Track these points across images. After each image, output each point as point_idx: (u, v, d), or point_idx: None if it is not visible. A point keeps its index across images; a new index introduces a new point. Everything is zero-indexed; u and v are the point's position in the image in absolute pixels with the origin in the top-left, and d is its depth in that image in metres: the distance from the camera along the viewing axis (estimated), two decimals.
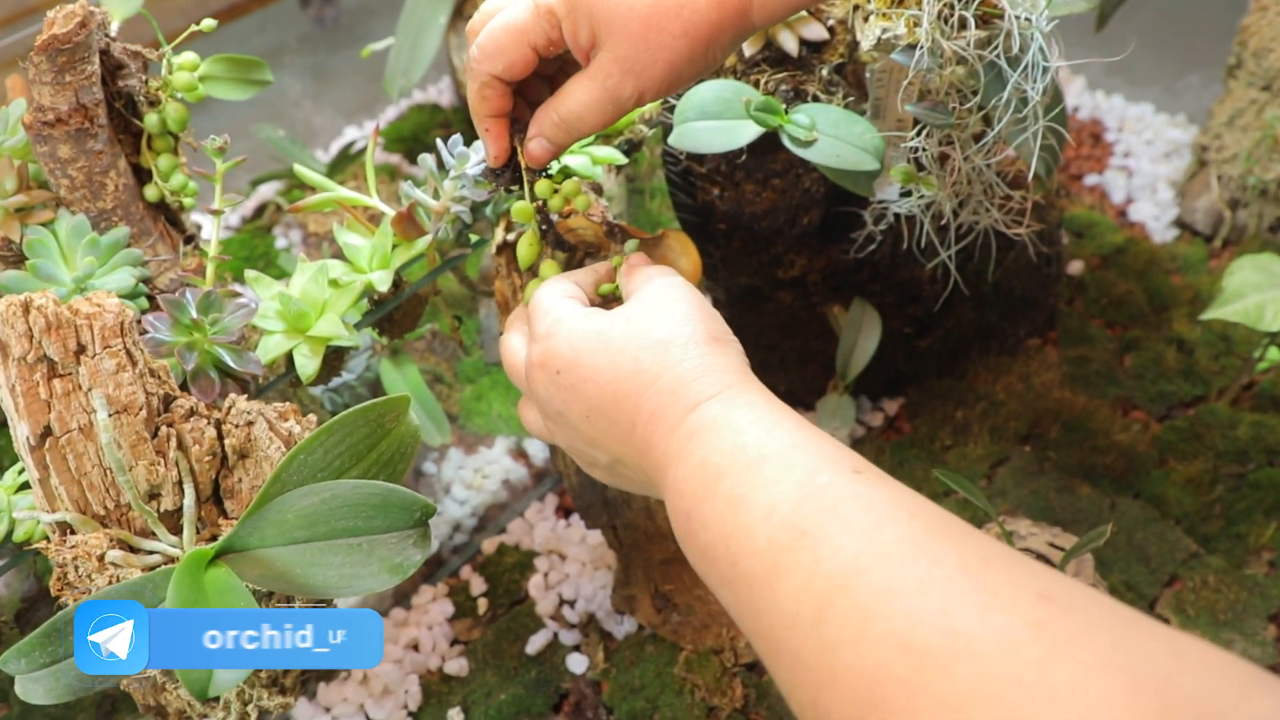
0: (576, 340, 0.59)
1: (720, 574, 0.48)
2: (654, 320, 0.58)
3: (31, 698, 0.58)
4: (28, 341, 0.58)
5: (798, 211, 0.88)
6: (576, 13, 0.61)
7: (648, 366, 0.56)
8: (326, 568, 0.62)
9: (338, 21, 1.79)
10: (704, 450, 0.51)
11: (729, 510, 0.47)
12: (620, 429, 0.57)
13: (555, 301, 0.62)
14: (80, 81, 0.71)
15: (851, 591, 0.40)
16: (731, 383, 0.54)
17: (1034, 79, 0.76)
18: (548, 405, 0.61)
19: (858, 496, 0.44)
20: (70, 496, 0.62)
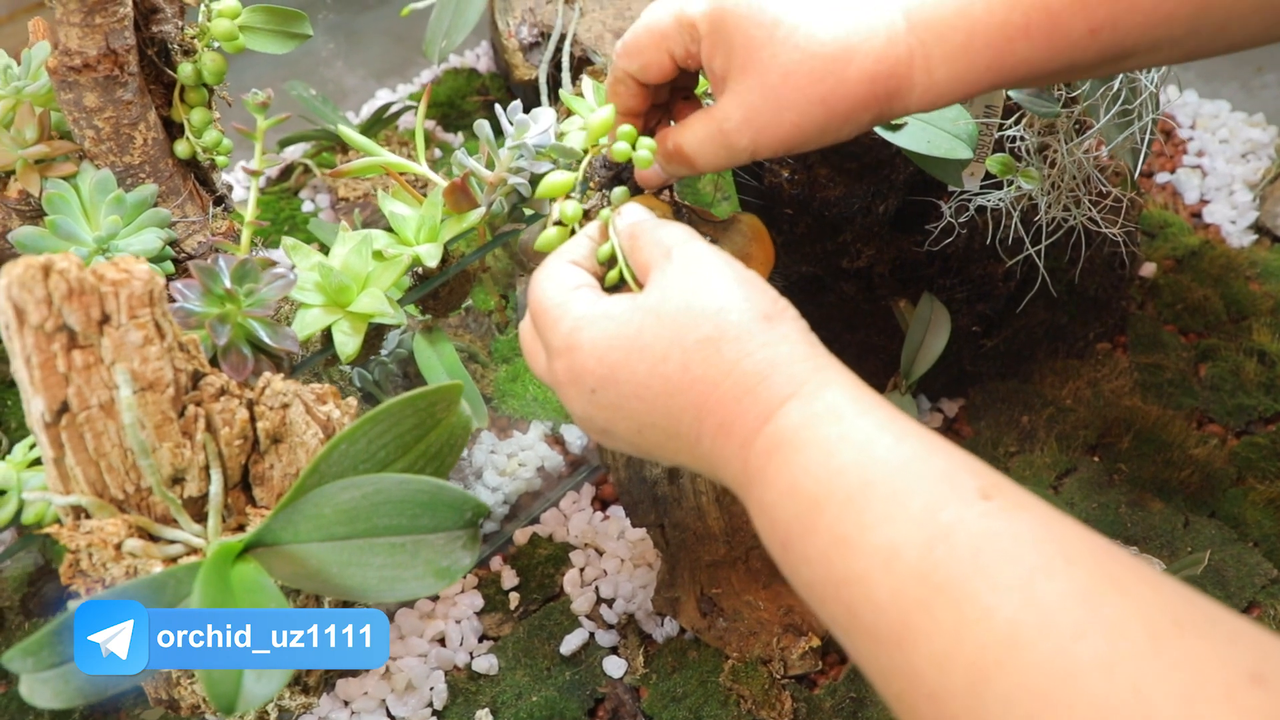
0: (605, 351, 0.52)
1: (831, 616, 0.42)
2: (691, 310, 0.50)
3: (38, 700, 0.52)
4: (46, 308, 0.52)
5: (874, 198, 0.82)
6: (717, 36, 0.55)
7: (700, 373, 0.49)
8: (366, 568, 0.56)
9: None
10: (791, 473, 0.45)
11: (835, 551, 0.41)
12: (682, 442, 0.51)
13: (565, 297, 0.55)
14: (111, 24, 0.65)
15: (1015, 668, 0.34)
16: (805, 377, 0.47)
17: (1148, 68, 0.70)
18: (589, 424, 0.55)
19: (997, 537, 0.38)
20: (87, 478, 0.57)
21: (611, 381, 0.52)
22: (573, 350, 0.53)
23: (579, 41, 1.17)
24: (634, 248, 0.57)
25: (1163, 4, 0.50)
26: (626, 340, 0.51)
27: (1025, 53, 0.52)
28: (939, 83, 0.53)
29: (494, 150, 0.71)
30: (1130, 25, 0.51)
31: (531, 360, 0.59)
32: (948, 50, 0.52)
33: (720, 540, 0.82)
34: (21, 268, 0.51)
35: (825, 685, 0.82)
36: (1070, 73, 0.54)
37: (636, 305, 0.52)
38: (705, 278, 0.52)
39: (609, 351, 0.52)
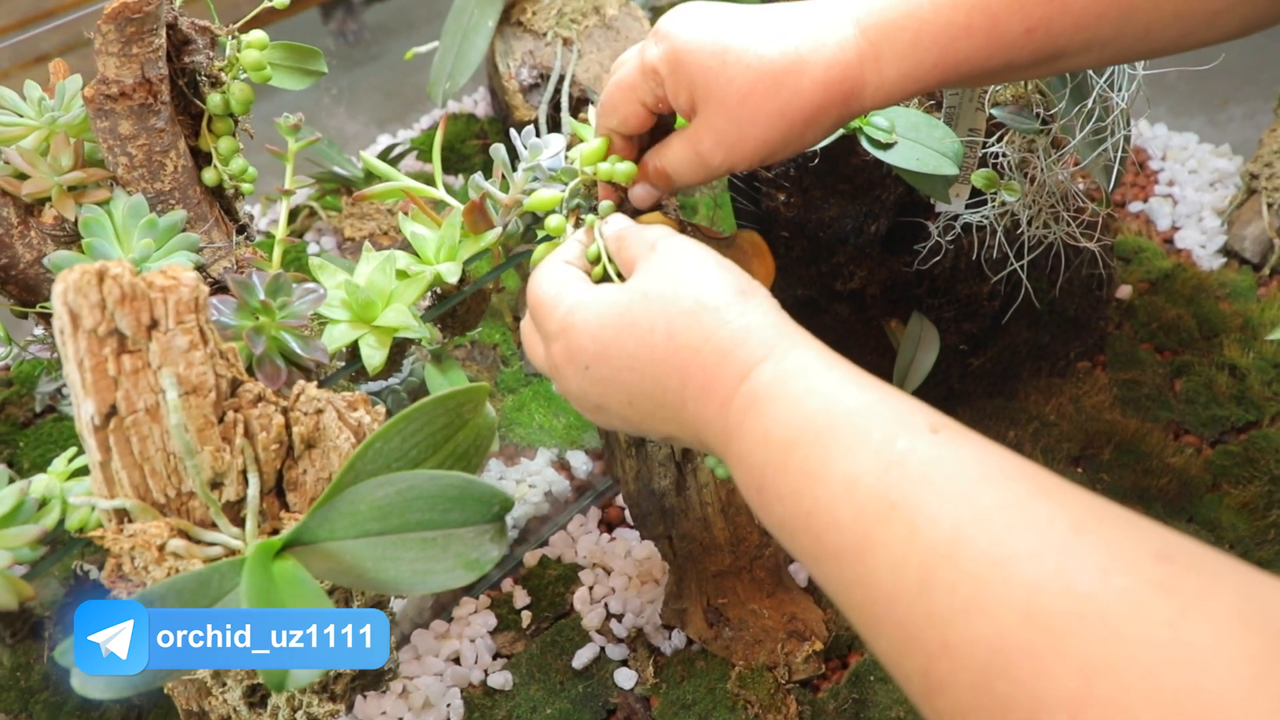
0: (597, 329, 0.57)
1: (802, 548, 0.47)
2: (673, 288, 0.55)
3: (90, 692, 0.54)
4: (100, 312, 0.55)
5: (866, 219, 0.86)
6: (677, 74, 0.60)
7: (683, 342, 0.54)
8: (399, 562, 0.59)
9: (359, 36, 1.79)
10: (764, 423, 0.49)
11: (804, 485, 0.46)
12: (668, 410, 0.55)
13: (560, 288, 0.60)
14: (147, 54, 0.69)
15: (957, 560, 0.38)
16: (775, 340, 0.52)
17: (1119, 87, 0.74)
18: (584, 400, 0.59)
19: (944, 460, 0.42)
20: (131, 482, 0.59)
21: (604, 357, 0.56)
22: (568, 331, 0.58)
23: (577, 82, 1.22)
24: (620, 247, 0.62)
25: (1091, 7, 0.56)
26: (616, 318, 0.56)
27: (968, 50, 0.57)
28: (889, 80, 0.58)
29: (509, 173, 0.75)
30: (1062, 26, 0.56)
31: (532, 353, 0.63)
32: (896, 49, 0.57)
33: (725, 550, 0.84)
34: (78, 273, 0.54)
35: (828, 689, 0.85)
36: (1008, 71, 0.59)
37: (625, 288, 0.57)
38: (687, 262, 0.57)
39: (601, 330, 0.56)
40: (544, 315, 0.60)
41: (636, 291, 0.56)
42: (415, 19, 1.81)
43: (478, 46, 1.21)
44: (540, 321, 0.60)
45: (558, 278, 0.61)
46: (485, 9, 1.21)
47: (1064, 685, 0.34)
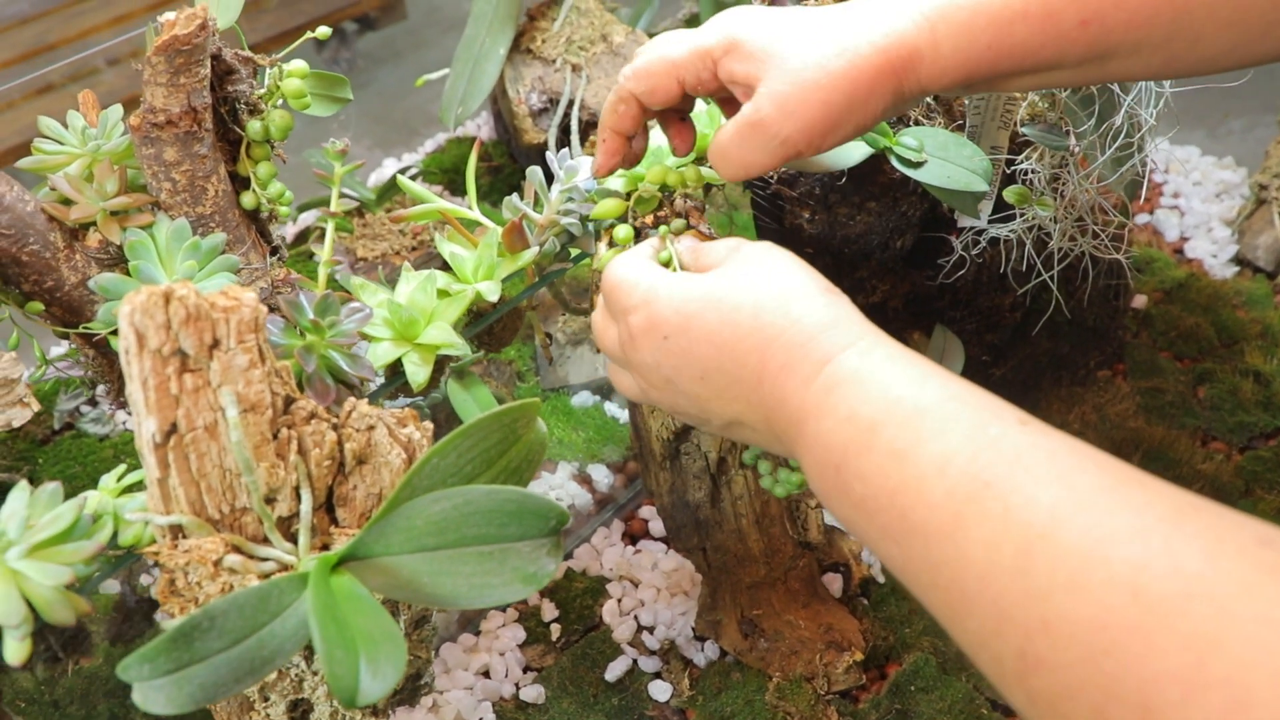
0: (681, 303, 0.58)
1: (881, 527, 0.47)
2: (764, 276, 0.57)
3: (151, 707, 0.55)
4: (165, 333, 0.56)
5: (892, 235, 0.88)
6: (735, 54, 0.61)
7: (770, 320, 0.55)
8: (456, 577, 0.60)
9: (353, 65, 1.81)
10: (850, 403, 0.50)
11: (891, 463, 0.46)
12: (743, 387, 0.56)
13: (644, 269, 0.61)
14: (193, 84, 0.70)
15: (1057, 539, 0.39)
16: (863, 333, 0.53)
17: (1147, 104, 0.76)
18: (655, 373, 0.60)
19: (1036, 447, 0.43)
20: (188, 498, 0.60)
21: (685, 329, 0.57)
22: (650, 302, 0.59)
23: (586, 106, 1.24)
24: (696, 256, 0.63)
25: (1146, 5, 0.57)
26: (703, 295, 0.57)
27: (1023, 35, 0.58)
28: (945, 57, 0.59)
29: (544, 194, 0.76)
30: (1116, 22, 0.57)
31: (602, 336, 0.65)
32: (952, 27, 0.59)
33: (760, 562, 0.85)
34: (145, 295, 0.55)
35: (869, 700, 0.85)
36: (1058, 67, 0.60)
37: (713, 273, 0.58)
38: (776, 255, 0.58)
39: (686, 303, 0.57)
40: (624, 291, 0.61)
41: (724, 276, 0.58)
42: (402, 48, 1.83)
43: (489, 73, 1.23)
44: (616, 300, 0.61)
45: (638, 263, 0.62)
46: (496, 37, 1.23)
47: (1176, 664, 0.34)
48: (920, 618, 0.90)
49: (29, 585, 0.59)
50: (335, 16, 1.77)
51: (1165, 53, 0.58)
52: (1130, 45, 0.58)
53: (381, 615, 0.57)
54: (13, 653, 0.58)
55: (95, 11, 1.76)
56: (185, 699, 0.56)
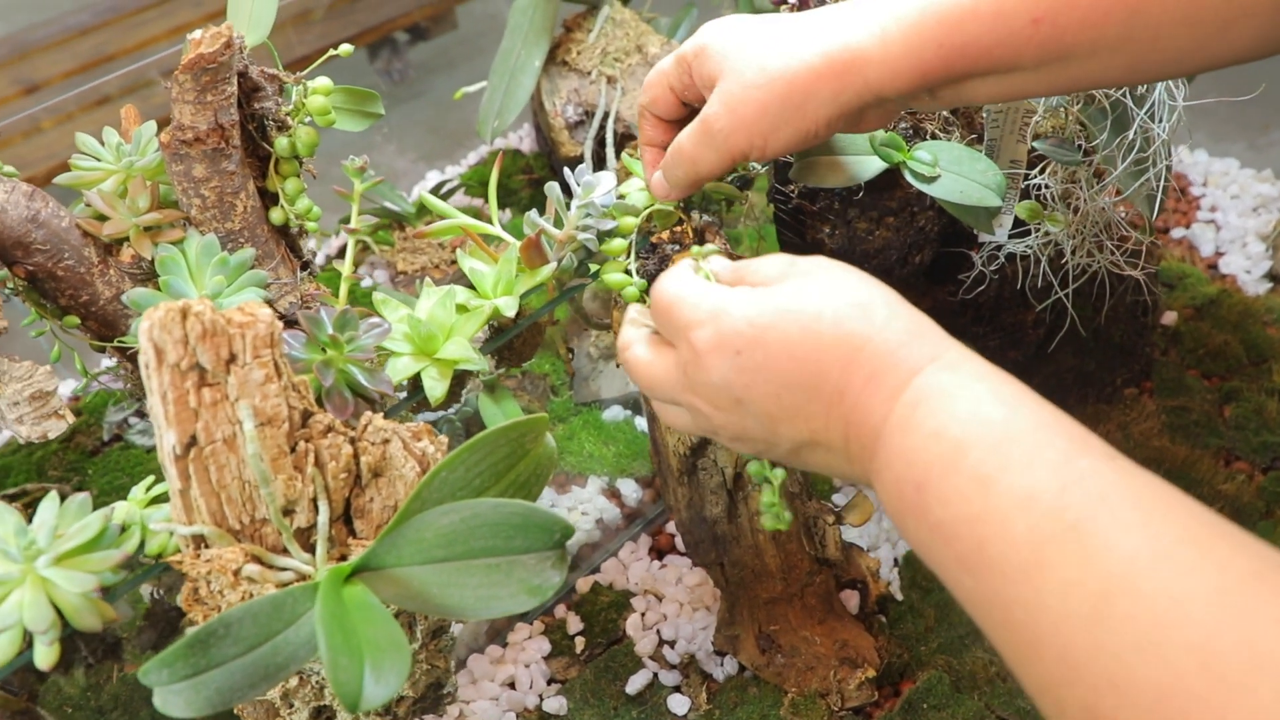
0: (754, 315, 0.55)
1: (956, 555, 0.45)
2: (838, 286, 0.54)
3: (170, 710, 0.57)
4: (183, 348, 0.58)
5: (910, 250, 0.88)
6: (702, 58, 0.66)
7: (852, 329, 0.52)
8: (464, 588, 0.61)
9: (405, 75, 1.83)
10: (938, 419, 0.48)
11: (975, 489, 0.45)
12: (821, 402, 0.53)
13: (701, 284, 0.59)
14: (220, 101, 0.72)
15: (1135, 594, 0.38)
16: (949, 345, 0.51)
17: (1159, 118, 0.76)
18: (723, 394, 0.57)
19: (1123, 487, 0.42)
20: (208, 509, 0.62)
21: (760, 343, 0.54)
22: (719, 317, 0.56)
23: (621, 119, 1.25)
24: (740, 275, 0.61)
25: (1099, 3, 0.56)
26: (777, 306, 0.54)
27: (974, 32, 0.58)
28: (895, 58, 0.60)
29: (562, 210, 0.78)
30: (1069, 21, 0.57)
31: (645, 368, 0.63)
32: (902, 27, 0.59)
33: (777, 577, 0.86)
34: (162, 311, 0.57)
35: (881, 716, 0.86)
36: (1016, 67, 0.59)
37: (780, 287, 0.56)
38: (843, 269, 0.57)
39: (759, 314, 0.55)
40: (686, 307, 0.58)
41: (795, 287, 0.55)
42: (456, 57, 1.85)
43: (525, 86, 1.24)
44: (676, 316, 0.59)
45: (692, 279, 0.60)
46: (532, 50, 1.25)
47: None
48: (935, 636, 0.90)
49: (57, 592, 0.61)
50: (385, 27, 1.79)
51: (1125, 55, 0.57)
52: (1086, 46, 0.57)
53: (390, 624, 0.58)
54: (42, 657, 0.60)
55: (154, 22, 1.80)
56: (202, 703, 0.58)
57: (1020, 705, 0.85)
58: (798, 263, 0.58)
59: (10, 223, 0.73)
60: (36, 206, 0.74)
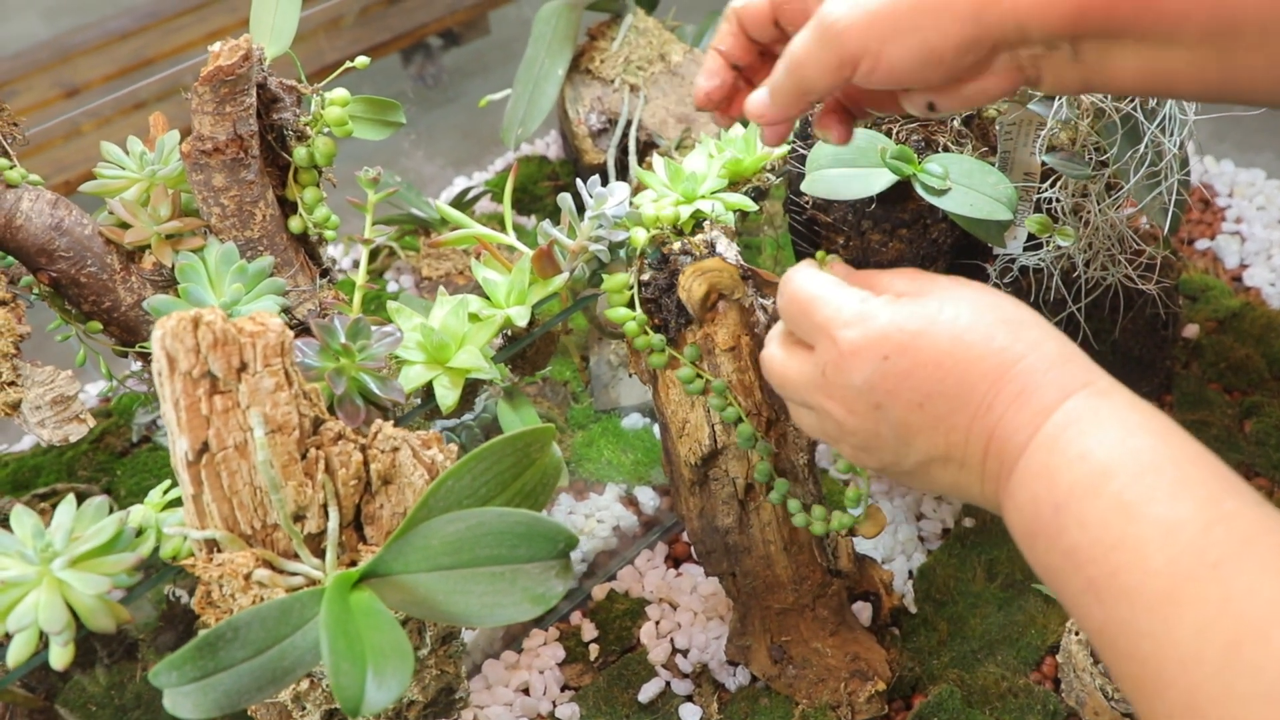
0: (904, 319, 0.54)
1: (1089, 579, 0.45)
2: (987, 302, 0.54)
3: (180, 711, 0.58)
4: (194, 356, 0.59)
5: (924, 262, 0.88)
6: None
7: (1004, 344, 0.52)
8: (469, 595, 0.62)
9: (438, 79, 1.85)
10: (1085, 442, 0.47)
11: (1117, 515, 0.44)
12: (964, 414, 0.53)
13: (840, 285, 0.58)
14: (239, 112, 0.74)
15: (1268, 642, 0.38)
16: (1100, 374, 0.51)
17: (1170, 132, 0.75)
18: (862, 399, 0.56)
19: (1270, 534, 0.41)
20: (220, 514, 0.63)
21: (909, 349, 0.54)
22: (867, 319, 0.55)
23: (644, 126, 1.26)
24: (875, 283, 0.59)
25: None
26: (928, 314, 0.54)
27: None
28: None
29: (575, 221, 0.78)
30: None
31: (780, 369, 0.62)
32: None
33: (789, 588, 0.86)
34: (174, 320, 0.58)
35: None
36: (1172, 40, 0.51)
37: (928, 299, 0.55)
38: (983, 287, 0.56)
39: (910, 320, 0.54)
40: (830, 307, 0.57)
41: (946, 299, 0.55)
42: (490, 61, 1.86)
43: (548, 94, 1.25)
44: (817, 313, 0.58)
45: (827, 278, 0.59)
46: (555, 58, 1.26)
47: None
48: (948, 650, 0.90)
49: (72, 594, 0.62)
50: (418, 32, 1.80)
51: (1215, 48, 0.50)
52: (1256, 27, 0.48)
53: (394, 630, 0.59)
54: (56, 658, 0.62)
55: (190, 28, 1.83)
56: (211, 705, 0.59)
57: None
58: (938, 279, 0.57)
59: (35, 230, 0.75)
60: (60, 214, 0.76)
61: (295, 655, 0.60)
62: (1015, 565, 0.95)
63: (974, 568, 0.96)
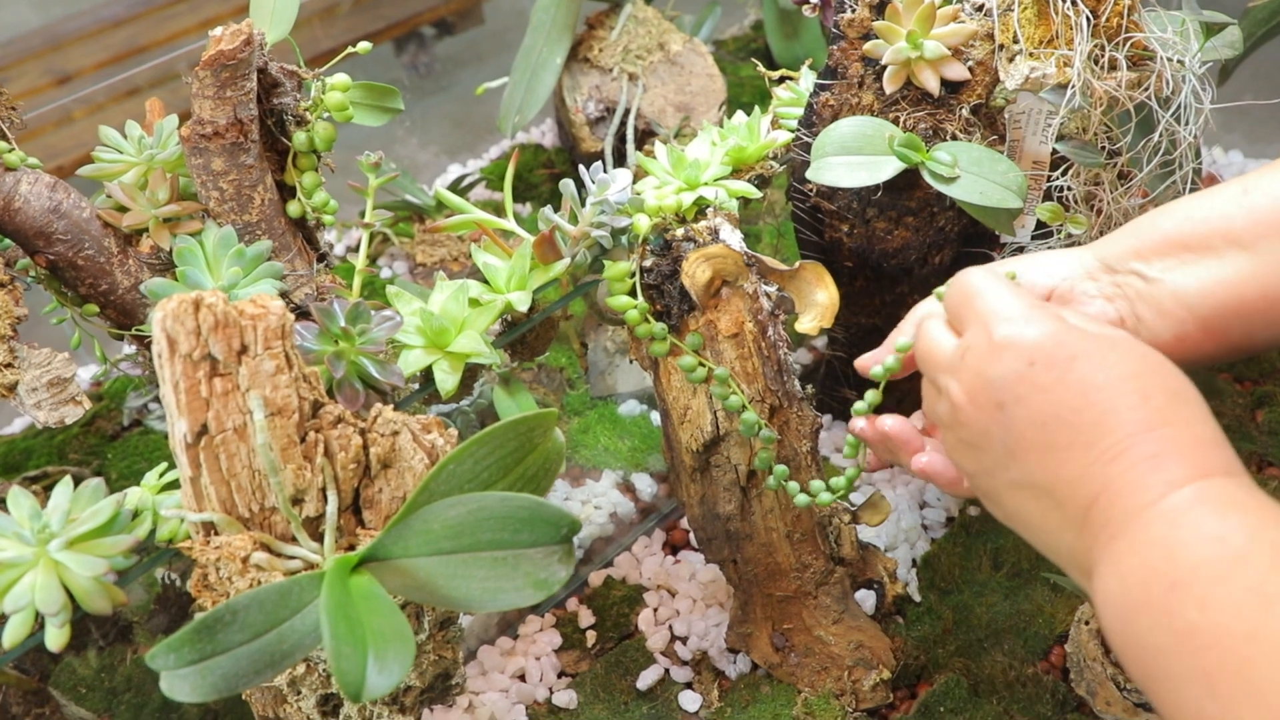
0: (1064, 337, 0.53)
1: (1203, 667, 0.42)
2: (1157, 361, 0.52)
3: (176, 694, 0.57)
4: (195, 339, 0.58)
5: (930, 250, 0.87)
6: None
7: (1158, 406, 0.49)
8: (470, 580, 0.61)
9: (431, 68, 1.84)
10: (1222, 525, 0.45)
11: (1254, 605, 0.42)
12: (1089, 452, 0.50)
13: (1012, 286, 0.57)
14: (239, 97, 0.73)
15: None
16: (1242, 469, 0.49)
17: (1186, 120, 0.75)
18: (990, 392, 0.54)
19: None
20: (218, 496, 0.63)
21: (1060, 364, 0.52)
22: (1031, 321, 0.54)
23: (642, 115, 1.25)
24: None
25: None
26: (1094, 346, 0.52)
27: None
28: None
29: (577, 206, 0.78)
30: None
31: (931, 342, 0.61)
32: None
33: (790, 576, 0.85)
34: (175, 302, 0.57)
35: (897, 719, 0.85)
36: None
37: (1104, 332, 0.54)
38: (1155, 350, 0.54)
39: (1073, 341, 0.52)
40: (995, 298, 0.56)
41: (1117, 341, 0.53)
42: (484, 51, 1.86)
43: (546, 82, 1.25)
44: (979, 302, 0.57)
45: (1000, 277, 0.59)
46: (553, 46, 1.25)
47: None
48: (954, 638, 0.89)
49: (68, 575, 0.62)
50: (412, 22, 1.80)
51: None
52: None
53: (395, 614, 0.59)
54: (52, 639, 0.61)
55: (183, 16, 1.82)
56: (208, 688, 0.58)
57: (1039, 711, 0.84)
58: (1117, 330, 0.56)
59: (33, 213, 0.74)
60: (59, 198, 0.75)
61: (294, 639, 0.59)
62: (1021, 554, 0.95)
63: (979, 556, 0.95)
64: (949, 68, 0.80)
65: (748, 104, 0.93)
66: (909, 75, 0.81)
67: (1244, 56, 1.02)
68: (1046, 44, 0.77)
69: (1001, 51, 0.79)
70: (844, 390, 1.05)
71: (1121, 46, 0.74)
